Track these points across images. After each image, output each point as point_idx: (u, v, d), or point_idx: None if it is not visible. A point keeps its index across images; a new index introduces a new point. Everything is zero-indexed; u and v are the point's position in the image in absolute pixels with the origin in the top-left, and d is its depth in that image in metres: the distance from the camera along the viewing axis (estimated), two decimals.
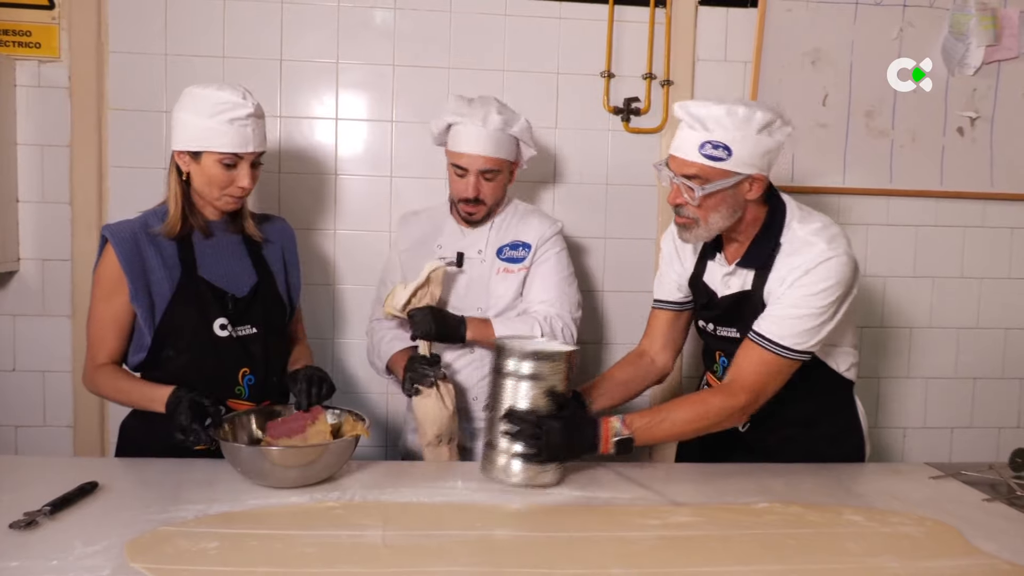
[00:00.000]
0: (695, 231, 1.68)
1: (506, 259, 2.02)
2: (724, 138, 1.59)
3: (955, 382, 2.71)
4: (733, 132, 1.58)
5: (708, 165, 1.60)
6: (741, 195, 1.65)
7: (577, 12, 2.47)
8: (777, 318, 1.63)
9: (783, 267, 1.64)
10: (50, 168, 2.37)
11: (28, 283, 2.39)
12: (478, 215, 2.00)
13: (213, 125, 1.67)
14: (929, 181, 2.59)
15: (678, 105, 1.66)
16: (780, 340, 1.61)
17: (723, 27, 2.52)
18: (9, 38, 2.31)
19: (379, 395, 2.53)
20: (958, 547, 1.33)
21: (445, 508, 1.45)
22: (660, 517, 1.43)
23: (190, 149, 1.70)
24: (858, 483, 1.66)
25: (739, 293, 1.72)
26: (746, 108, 1.59)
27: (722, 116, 1.58)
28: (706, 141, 1.60)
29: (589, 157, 2.53)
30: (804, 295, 1.61)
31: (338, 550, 1.25)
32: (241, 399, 1.76)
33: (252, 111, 1.70)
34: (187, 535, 1.28)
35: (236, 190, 1.72)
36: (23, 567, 1.15)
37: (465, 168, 1.94)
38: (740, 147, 1.59)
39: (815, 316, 1.61)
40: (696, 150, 1.61)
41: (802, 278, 1.61)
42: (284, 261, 1.90)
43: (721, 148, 1.59)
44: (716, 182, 1.61)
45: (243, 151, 1.69)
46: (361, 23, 2.42)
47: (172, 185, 1.74)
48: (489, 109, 1.93)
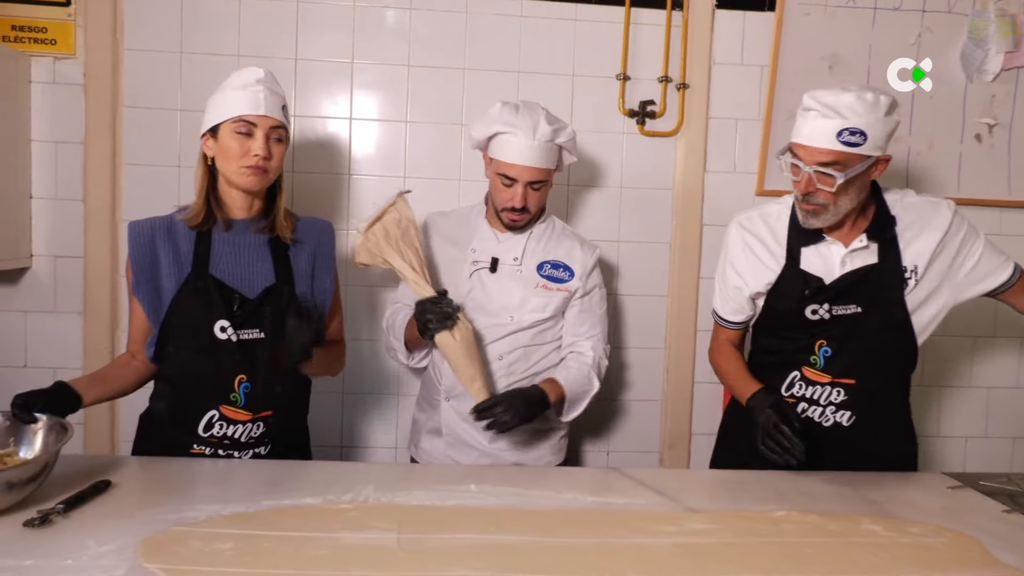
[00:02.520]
0: (823, 216, 1.74)
1: (547, 276, 2.01)
2: (860, 124, 1.65)
3: (970, 391, 2.69)
4: (866, 117, 1.65)
5: (847, 151, 1.66)
6: (868, 177, 1.73)
7: (593, 14, 2.46)
8: (989, 255, 1.81)
9: (913, 228, 1.77)
10: (64, 165, 2.37)
11: (40, 279, 2.39)
12: (522, 223, 1.99)
13: (226, 96, 1.68)
14: (946, 188, 2.57)
15: (807, 95, 1.70)
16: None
17: (740, 31, 2.51)
18: (25, 35, 2.32)
19: (391, 396, 2.52)
20: (979, 559, 1.31)
21: (459, 511, 1.44)
22: (676, 524, 1.42)
23: (210, 125, 1.69)
24: (875, 492, 1.64)
25: (863, 268, 1.77)
26: (872, 93, 1.66)
27: (854, 103, 1.64)
28: (844, 128, 1.65)
29: (604, 160, 2.52)
30: (975, 239, 1.80)
31: (353, 553, 1.24)
32: (237, 407, 1.69)
33: (262, 76, 1.70)
34: (201, 536, 1.27)
35: (250, 159, 1.66)
36: (37, 566, 1.14)
37: (514, 179, 1.91)
38: (873, 131, 1.66)
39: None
40: (834, 137, 1.66)
41: (951, 229, 1.77)
42: (314, 263, 1.81)
43: (858, 134, 1.65)
44: (855, 166, 1.67)
45: (254, 112, 1.66)
46: (376, 23, 2.42)
47: (198, 174, 1.73)
48: (538, 119, 1.90)
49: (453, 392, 2.01)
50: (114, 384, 1.72)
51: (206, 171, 1.72)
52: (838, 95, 1.65)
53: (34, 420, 1.48)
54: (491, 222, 2.05)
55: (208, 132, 1.70)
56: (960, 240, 1.79)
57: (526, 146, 1.88)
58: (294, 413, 1.83)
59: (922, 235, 1.78)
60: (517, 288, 1.99)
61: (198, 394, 1.70)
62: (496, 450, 2.01)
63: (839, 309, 1.78)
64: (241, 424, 1.71)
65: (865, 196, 1.77)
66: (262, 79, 1.70)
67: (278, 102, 1.71)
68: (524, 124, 1.88)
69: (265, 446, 1.76)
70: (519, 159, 1.89)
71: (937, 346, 2.65)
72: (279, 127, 1.70)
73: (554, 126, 1.91)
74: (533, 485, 1.59)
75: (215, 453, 1.72)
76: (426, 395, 2.13)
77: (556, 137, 1.92)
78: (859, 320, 1.76)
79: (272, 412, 1.74)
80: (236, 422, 1.71)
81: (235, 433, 1.71)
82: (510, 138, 1.89)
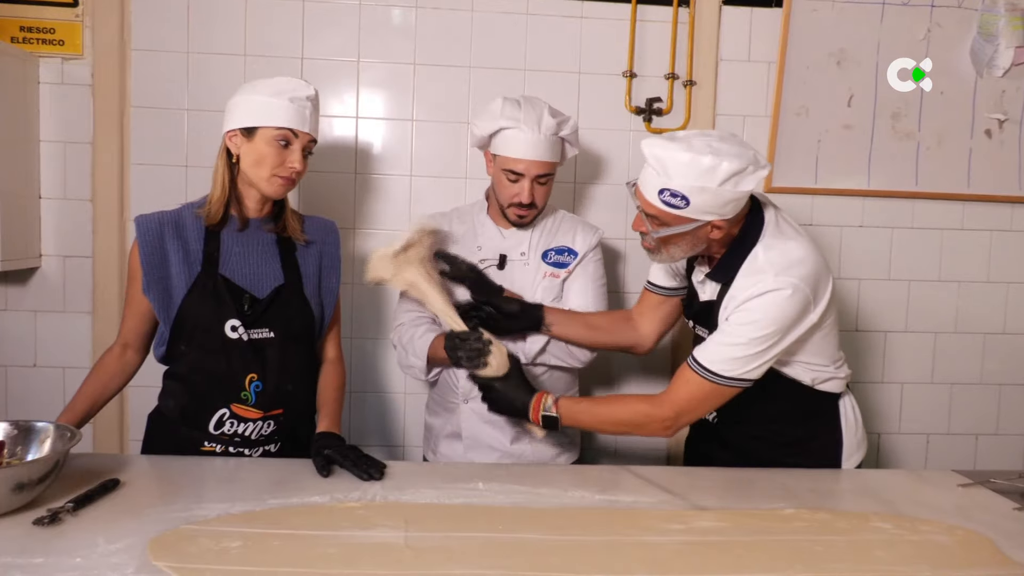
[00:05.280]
0: (659, 255, 1.70)
1: (552, 263, 2.00)
2: (683, 187, 1.53)
3: (981, 388, 2.67)
4: (693, 182, 1.53)
5: (665, 210, 1.58)
6: (702, 235, 1.63)
7: (599, 11, 2.45)
8: (712, 343, 1.64)
9: (736, 288, 1.63)
10: (72, 165, 2.38)
11: (49, 279, 2.40)
12: (530, 218, 1.97)
13: (272, 101, 1.66)
14: (956, 184, 2.55)
15: (645, 143, 1.59)
16: (709, 366, 1.61)
17: (747, 27, 2.49)
18: (33, 35, 2.33)
19: (398, 395, 2.52)
20: (991, 557, 1.30)
21: (467, 510, 1.44)
22: (684, 521, 1.41)
23: (245, 125, 1.67)
24: (885, 489, 1.64)
25: (708, 302, 1.74)
26: (712, 157, 1.50)
27: (684, 164, 1.52)
28: (664, 188, 1.55)
29: (610, 157, 2.51)
30: (737, 323, 1.60)
31: (361, 551, 1.24)
32: (248, 405, 1.71)
33: (312, 94, 1.71)
34: (210, 534, 1.27)
35: (286, 170, 1.68)
36: (47, 564, 1.15)
37: (521, 174, 1.89)
38: (699, 197, 1.54)
39: (746, 346, 1.59)
40: (655, 194, 1.58)
41: (741, 306, 1.60)
42: (321, 263, 1.83)
43: (679, 197, 1.55)
44: (673, 227, 1.60)
45: (300, 128, 1.67)
46: (382, 22, 2.42)
47: (220, 169, 1.71)
48: (542, 112, 1.89)
49: (472, 394, 1.95)
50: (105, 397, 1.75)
51: (229, 168, 1.71)
52: (672, 151, 1.53)
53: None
54: (495, 219, 2.04)
55: (240, 130, 1.69)
56: (738, 309, 1.61)
57: (532, 140, 1.87)
58: (304, 411, 1.83)
59: (737, 286, 1.63)
60: (526, 281, 1.98)
61: (209, 393, 1.71)
62: (517, 450, 1.97)
63: (699, 329, 1.79)
64: (252, 422, 1.72)
65: (729, 234, 1.65)
66: (312, 97, 1.71)
67: (318, 119, 1.75)
68: (528, 118, 1.88)
69: (275, 443, 1.77)
70: (525, 154, 1.88)
71: (947, 343, 2.64)
72: (311, 142, 1.73)
73: (558, 119, 1.91)
74: (540, 483, 1.59)
75: (226, 450, 1.72)
76: (440, 400, 2.07)
77: (560, 130, 1.91)
78: None
79: (282, 410, 1.75)
80: (247, 420, 1.71)
81: (246, 431, 1.72)
82: (515, 133, 1.88)
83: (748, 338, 1.58)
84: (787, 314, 1.58)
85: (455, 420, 2.01)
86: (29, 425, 1.48)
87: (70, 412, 1.68)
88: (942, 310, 2.64)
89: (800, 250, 1.63)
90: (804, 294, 1.59)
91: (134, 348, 1.77)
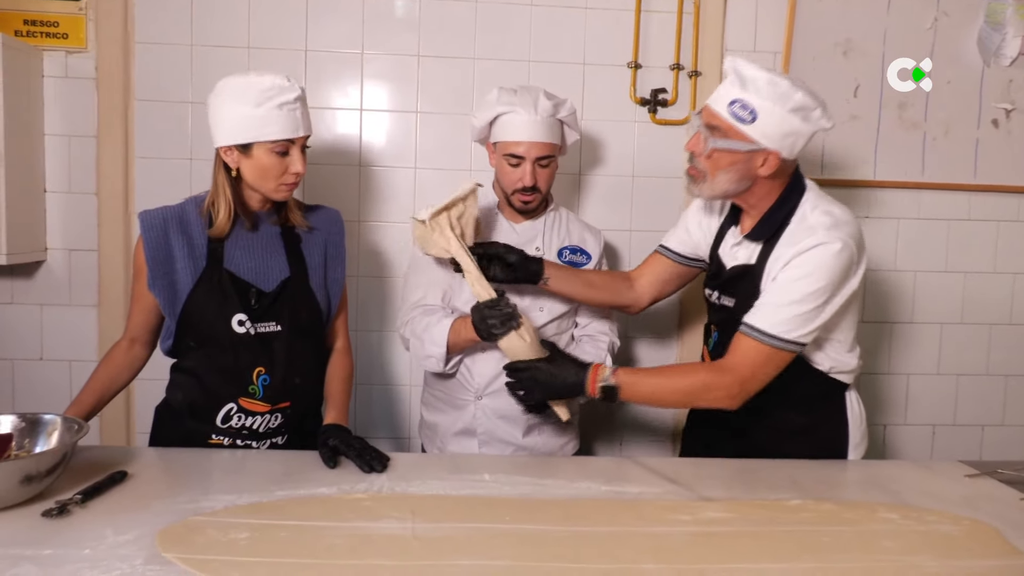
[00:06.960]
0: (701, 185, 1.68)
1: (568, 262, 2.01)
2: (755, 102, 1.57)
3: (987, 379, 2.67)
4: (766, 100, 1.57)
5: (730, 123, 1.60)
6: (753, 166, 1.63)
7: (604, 2, 2.44)
8: (765, 306, 1.62)
9: (783, 246, 1.63)
10: (77, 158, 2.38)
11: (55, 273, 2.41)
12: (534, 203, 1.96)
13: (262, 113, 1.62)
14: (962, 174, 2.54)
15: (729, 58, 1.64)
16: (766, 328, 1.60)
17: (753, 17, 2.48)
18: (37, 29, 2.33)
19: (404, 387, 2.53)
20: (998, 547, 1.30)
21: (473, 501, 1.44)
22: (691, 512, 1.41)
23: (239, 142, 1.63)
24: (891, 480, 1.63)
25: (743, 266, 1.72)
26: (789, 84, 1.56)
27: (762, 81, 1.57)
28: (736, 99, 1.59)
29: (615, 149, 2.50)
30: (789, 280, 1.59)
31: (368, 542, 1.24)
32: (255, 399, 1.71)
33: (299, 94, 1.67)
34: (217, 525, 1.28)
35: (290, 177, 1.67)
36: (56, 555, 1.15)
37: (521, 156, 1.89)
38: (767, 117, 1.57)
39: (800, 303, 1.58)
40: (726, 104, 1.60)
41: (792, 261, 1.59)
42: (326, 254, 1.83)
43: (748, 110, 1.58)
44: (731, 141, 1.60)
45: (295, 136, 1.66)
46: (386, 13, 2.41)
47: (221, 183, 1.68)
48: (537, 95, 1.90)
49: (487, 390, 1.95)
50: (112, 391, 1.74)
51: (231, 182, 1.68)
52: (752, 68, 1.58)
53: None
54: (504, 212, 2.03)
55: (235, 146, 1.65)
56: (789, 264, 1.60)
57: (529, 121, 1.88)
58: (310, 403, 1.84)
59: (785, 243, 1.63)
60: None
61: (217, 387, 1.71)
62: (529, 443, 1.97)
63: (724, 299, 1.78)
64: (259, 415, 1.72)
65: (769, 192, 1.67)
66: (300, 97, 1.67)
67: (308, 112, 1.71)
68: (524, 101, 1.89)
69: (282, 436, 1.77)
70: (524, 135, 1.88)
71: (954, 333, 2.63)
72: (307, 136, 1.71)
73: (553, 101, 1.91)
74: (547, 474, 1.59)
75: (233, 443, 1.73)
76: (446, 397, 2.03)
77: (557, 112, 1.92)
78: (732, 315, 1.72)
79: (290, 403, 1.75)
80: (255, 413, 1.72)
81: (253, 424, 1.72)
82: (512, 116, 1.89)
83: (803, 293, 1.57)
84: (836, 270, 1.58)
85: (466, 417, 1.99)
86: (37, 418, 1.48)
87: (77, 405, 1.68)
88: (949, 300, 2.63)
89: (845, 214, 1.66)
90: (851, 252, 1.60)
91: (141, 342, 1.77)
